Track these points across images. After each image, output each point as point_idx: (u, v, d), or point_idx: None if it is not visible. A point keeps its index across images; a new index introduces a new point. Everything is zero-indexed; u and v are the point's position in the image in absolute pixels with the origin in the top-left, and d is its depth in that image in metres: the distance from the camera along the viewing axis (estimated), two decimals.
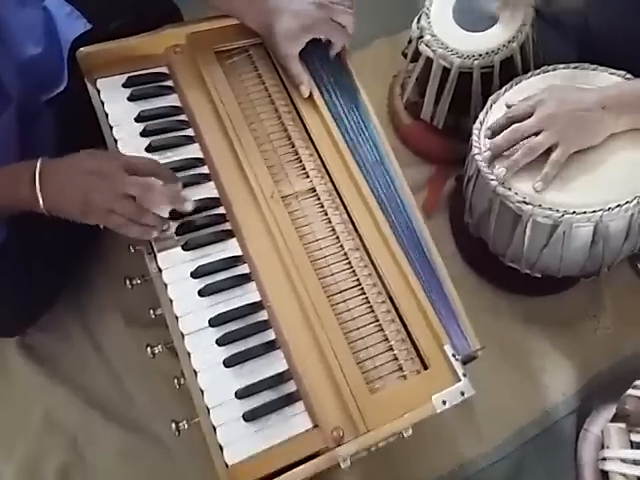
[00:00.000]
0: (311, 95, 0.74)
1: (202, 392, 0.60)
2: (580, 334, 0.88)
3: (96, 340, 0.85)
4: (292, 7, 0.71)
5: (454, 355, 0.62)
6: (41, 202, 0.61)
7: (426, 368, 0.62)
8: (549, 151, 0.70)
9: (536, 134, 0.70)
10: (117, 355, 0.84)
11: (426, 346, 0.62)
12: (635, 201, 0.68)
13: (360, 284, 0.66)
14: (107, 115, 0.71)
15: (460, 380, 0.61)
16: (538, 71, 0.80)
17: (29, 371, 0.84)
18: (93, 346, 0.85)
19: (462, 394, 0.60)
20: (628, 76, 0.75)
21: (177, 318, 0.63)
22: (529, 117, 0.71)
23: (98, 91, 0.73)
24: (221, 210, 0.68)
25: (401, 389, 0.61)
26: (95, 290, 0.88)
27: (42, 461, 0.80)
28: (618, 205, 0.68)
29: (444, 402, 0.59)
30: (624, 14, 0.81)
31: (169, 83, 0.75)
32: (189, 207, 0.65)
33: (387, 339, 0.64)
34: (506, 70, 0.83)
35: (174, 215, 0.66)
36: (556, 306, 0.89)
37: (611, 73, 0.76)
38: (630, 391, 0.74)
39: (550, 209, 0.70)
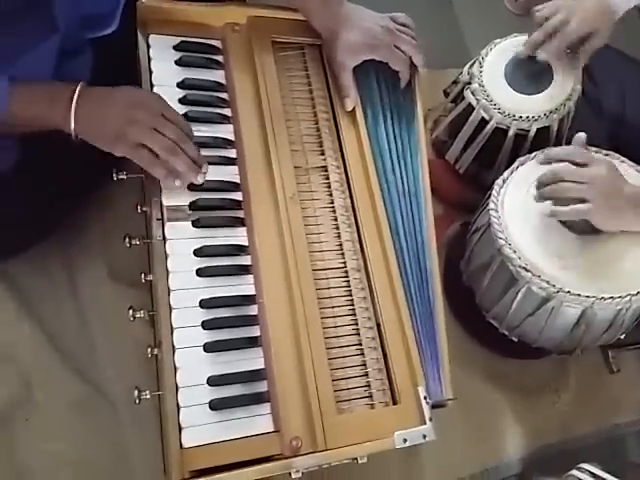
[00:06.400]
0: (353, 110, 0.74)
1: (175, 369, 0.59)
2: (539, 404, 0.91)
3: (75, 287, 0.83)
4: (362, 23, 0.72)
5: (425, 398, 0.63)
6: (72, 123, 0.62)
7: (395, 403, 0.63)
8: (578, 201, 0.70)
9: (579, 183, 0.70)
10: (92, 306, 0.82)
11: (401, 382, 0.63)
12: (627, 298, 0.71)
13: (353, 305, 0.67)
14: (151, 72, 0.71)
15: (425, 423, 0.62)
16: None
17: (0, 297, 0.82)
18: (71, 291, 0.83)
19: (424, 437, 0.61)
20: None
21: (170, 290, 0.62)
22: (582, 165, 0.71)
23: (148, 46, 0.72)
24: (238, 196, 0.68)
25: (367, 417, 0.62)
26: (87, 238, 0.86)
27: None
28: (611, 297, 0.71)
29: (405, 440, 0.61)
30: None
31: (219, 58, 0.75)
32: (200, 180, 0.65)
33: (365, 365, 0.65)
34: (540, 137, 0.85)
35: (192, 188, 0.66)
36: (523, 372, 0.92)
37: (638, 170, 0.79)
38: (574, 471, 0.76)
39: (548, 282, 0.72)
